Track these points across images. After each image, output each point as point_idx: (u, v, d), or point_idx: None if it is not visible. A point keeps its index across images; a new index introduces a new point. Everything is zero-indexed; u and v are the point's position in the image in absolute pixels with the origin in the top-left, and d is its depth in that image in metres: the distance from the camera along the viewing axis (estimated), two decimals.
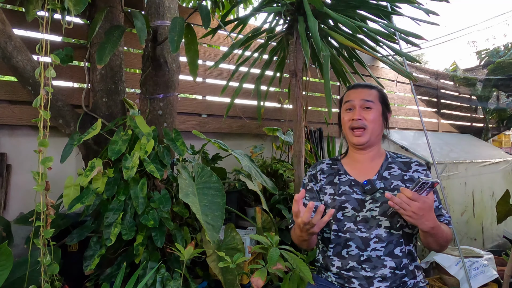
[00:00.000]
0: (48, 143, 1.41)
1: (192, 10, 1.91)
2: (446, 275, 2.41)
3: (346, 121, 1.42)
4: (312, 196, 1.46)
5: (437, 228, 1.19)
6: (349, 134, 1.41)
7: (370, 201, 1.32)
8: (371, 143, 1.40)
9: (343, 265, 1.31)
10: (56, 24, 1.77)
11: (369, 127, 1.37)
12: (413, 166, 1.39)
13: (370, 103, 1.39)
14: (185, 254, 1.59)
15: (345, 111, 1.43)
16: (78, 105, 2.12)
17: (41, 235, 1.41)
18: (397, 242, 1.29)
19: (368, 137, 1.37)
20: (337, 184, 1.40)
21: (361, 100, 1.39)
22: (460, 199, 3.15)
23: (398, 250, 1.29)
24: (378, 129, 1.40)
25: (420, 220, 1.14)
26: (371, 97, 1.40)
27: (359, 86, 1.46)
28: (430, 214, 1.16)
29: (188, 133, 2.49)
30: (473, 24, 9.66)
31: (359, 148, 1.42)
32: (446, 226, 1.29)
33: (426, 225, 1.16)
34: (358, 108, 1.39)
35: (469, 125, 5.22)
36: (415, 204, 1.11)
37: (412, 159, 1.43)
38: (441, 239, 1.24)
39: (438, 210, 1.32)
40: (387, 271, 1.26)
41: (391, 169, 1.39)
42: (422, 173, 1.37)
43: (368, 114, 1.37)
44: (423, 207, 1.12)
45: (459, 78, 4.80)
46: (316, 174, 1.48)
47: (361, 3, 1.96)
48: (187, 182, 1.77)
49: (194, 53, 1.74)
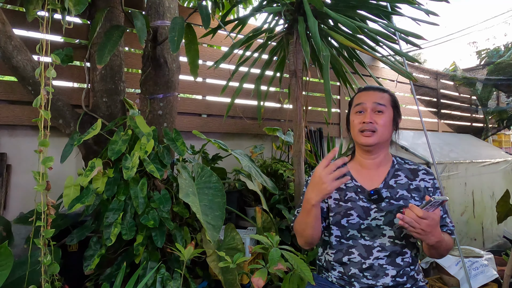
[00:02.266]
0: (48, 143, 1.41)
1: (192, 10, 1.91)
2: (446, 275, 2.41)
3: (356, 124, 1.36)
4: None
5: (441, 241, 1.19)
6: (358, 136, 1.35)
7: (375, 210, 1.30)
8: (379, 147, 1.36)
9: (345, 271, 1.31)
10: (57, 24, 1.77)
11: (379, 131, 1.32)
12: (420, 174, 1.36)
13: (382, 107, 1.33)
14: (185, 254, 1.59)
15: (355, 114, 1.38)
16: (78, 105, 2.12)
17: (42, 235, 1.41)
18: (400, 252, 1.28)
19: (377, 140, 1.32)
20: (343, 190, 1.37)
21: (373, 103, 1.34)
22: (460, 199, 3.14)
23: (400, 259, 1.28)
24: (388, 134, 1.36)
25: (427, 236, 1.14)
26: (383, 100, 1.35)
27: (371, 88, 1.41)
28: (437, 229, 1.15)
29: (188, 133, 2.49)
30: (473, 25, 9.67)
31: (367, 151, 1.37)
32: (448, 236, 1.28)
33: (432, 240, 1.16)
34: (369, 111, 1.33)
35: (469, 125, 5.22)
36: (424, 222, 1.10)
37: (419, 167, 1.39)
38: (443, 250, 1.24)
39: (442, 220, 1.31)
40: (389, 280, 1.26)
41: (398, 177, 1.36)
42: (429, 182, 1.34)
43: (379, 118, 1.33)
44: (431, 224, 1.12)
45: (459, 78, 4.80)
46: None
47: (361, 3, 1.96)
48: (187, 182, 1.77)
49: (194, 53, 1.75)
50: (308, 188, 1.20)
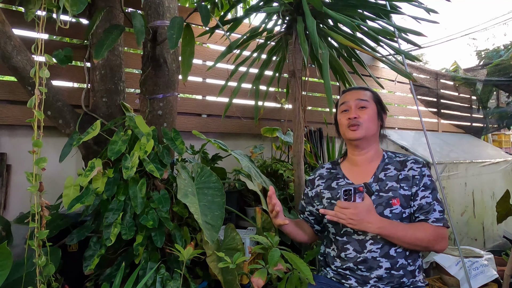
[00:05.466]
0: (42, 143, 1.40)
1: (192, 10, 1.91)
2: (446, 275, 2.40)
3: (343, 122, 1.44)
4: (308, 201, 1.56)
5: (388, 228, 1.22)
6: (346, 132, 1.43)
7: None
8: (367, 141, 1.42)
9: (342, 265, 1.35)
10: (56, 24, 1.77)
11: (364, 124, 1.39)
12: (408, 164, 1.39)
13: (365, 102, 1.42)
14: (185, 255, 1.59)
15: (341, 113, 1.47)
16: (78, 105, 2.12)
17: (36, 236, 1.40)
18: (392, 243, 1.29)
19: (363, 133, 1.39)
20: (335, 189, 1.44)
21: (356, 100, 1.43)
22: (460, 199, 3.14)
23: (393, 251, 1.29)
24: (374, 128, 1.42)
25: (362, 225, 1.20)
26: (366, 96, 1.44)
27: (353, 88, 1.54)
28: (370, 216, 1.21)
29: (188, 133, 2.48)
30: (473, 26, 9.69)
31: (355, 145, 1.43)
32: (425, 225, 1.27)
33: (371, 227, 1.21)
34: (353, 107, 1.42)
35: (469, 125, 5.22)
36: (348, 211, 1.19)
37: (409, 157, 1.42)
38: (406, 238, 1.24)
39: (428, 206, 1.30)
40: (383, 272, 1.27)
41: (387, 170, 1.39)
42: (417, 171, 1.36)
43: (363, 113, 1.41)
44: (357, 212, 1.19)
45: (459, 78, 4.80)
46: (313, 180, 1.54)
47: (360, 2, 1.95)
48: (187, 182, 1.77)
49: (189, 54, 1.74)
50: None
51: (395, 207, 1.30)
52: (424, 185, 1.33)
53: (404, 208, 1.31)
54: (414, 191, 1.33)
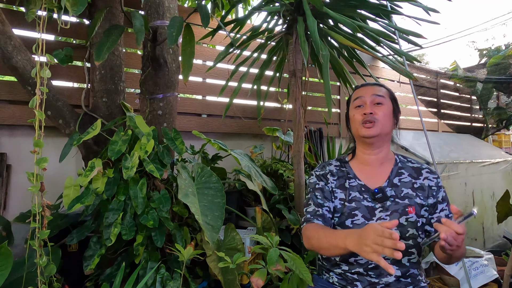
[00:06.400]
0: (43, 143, 1.40)
1: (192, 10, 1.91)
2: (446, 275, 2.40)
3: (357, 117, 1.35)
4: (324, 196, 1.35)
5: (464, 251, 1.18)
6: (359, 128, 1.34)
7: (380, 209, 1.29)
8: (381, 140, 1.35)
9: (350, 269, 1.30)
10: (57, 24, 1.77)
11: (380, 121, 1.31)
12: (423, 173, 1.35)
13: (381, 98, 1.34)
14: (185, 255, 1.59)
15: (355, 109, 1.37)
16: (78, 105, 2.12)
17: (37, 236, 1.40)
18: (405, 252, 1.26)
19: (379, 130, 1.31)
20: (348, 189, 1.34)
21: (372, 95, 1.35)
22: (460, 199, 3.14)
23: (406, 260, 1.27)
24: (389, 126, 1.35)
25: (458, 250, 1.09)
26: (382, 92, 1.36)
27: (368, 84, 1.42)
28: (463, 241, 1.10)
29: (188, 133, 2.48)
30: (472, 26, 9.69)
31: (369, 144, 1.35)
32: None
33: (460, 253, 1.14)
34: (369, 103, 1.34)
35: (469, 125, 5.22)
36: (461, 237, 1.04)
37: (423, 165, 1.38)
38: (461, 255, 1.20)
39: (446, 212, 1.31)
40: (392, 279, 1.25)
41: (401, 175, 1.35)
42: (433, 181, 1.33)
43: (379, 109, 1.32)
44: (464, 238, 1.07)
45: (460, 77, 4.79)
46: (326, 175, 1.39)
47: (360, 3, 1.95)
48: (187, 182, 1.77)
49: (189, 54, 1.74)
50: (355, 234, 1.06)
51: (410, 215, 1.27)
52: (442, 198, 1.32)
53: (418, 217, 1.28)
54: (432, 202, 1.30)
